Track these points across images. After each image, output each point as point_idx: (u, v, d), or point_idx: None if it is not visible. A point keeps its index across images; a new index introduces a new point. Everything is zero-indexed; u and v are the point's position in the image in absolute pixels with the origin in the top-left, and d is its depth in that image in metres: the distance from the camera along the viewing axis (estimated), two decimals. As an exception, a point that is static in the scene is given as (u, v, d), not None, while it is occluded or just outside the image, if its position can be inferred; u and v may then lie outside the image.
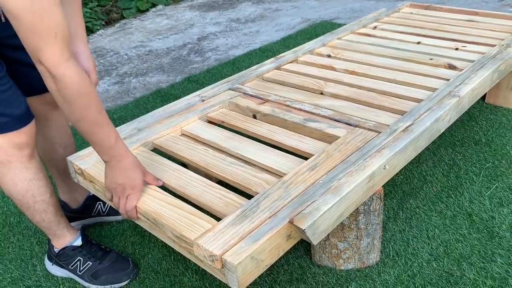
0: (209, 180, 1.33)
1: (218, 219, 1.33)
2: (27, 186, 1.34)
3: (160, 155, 1.79)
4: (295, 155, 1.55)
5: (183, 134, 1.61)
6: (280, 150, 1.58)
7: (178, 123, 1.61)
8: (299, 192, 1.21)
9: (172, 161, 1.58)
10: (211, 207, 1.22)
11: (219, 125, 1.73)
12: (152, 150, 1.54)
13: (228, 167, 1.38)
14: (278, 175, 1.34)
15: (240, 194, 1.41)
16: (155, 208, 1.22)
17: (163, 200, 1.24)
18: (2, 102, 1.23)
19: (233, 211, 1.18)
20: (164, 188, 1.40)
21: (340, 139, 1.43)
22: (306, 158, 1.73)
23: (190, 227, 1.14)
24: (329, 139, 1.50)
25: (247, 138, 1.53)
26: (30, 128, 1.30)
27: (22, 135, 1.28)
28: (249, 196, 1.51)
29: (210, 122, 1.71)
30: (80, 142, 2.30)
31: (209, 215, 1.33)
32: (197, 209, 1.26)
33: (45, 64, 0.99)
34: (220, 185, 1.31)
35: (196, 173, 1.38)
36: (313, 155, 1.40)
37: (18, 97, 1.27)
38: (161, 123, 1.62)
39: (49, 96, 1.48)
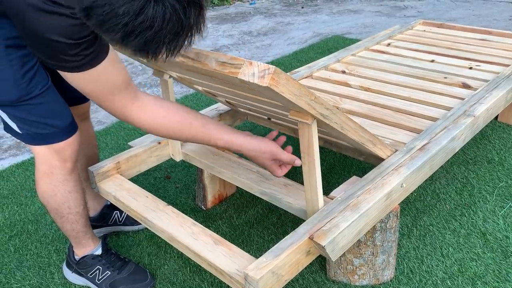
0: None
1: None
2: (65, 198, 1.36)
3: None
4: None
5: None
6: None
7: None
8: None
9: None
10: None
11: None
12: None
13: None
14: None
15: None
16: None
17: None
18: (48, 113, 1.24)
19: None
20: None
21: (357, 156, 1.45)
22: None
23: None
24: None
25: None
26: (74, 140, 1.31)
27: (66, 147, 1.30)
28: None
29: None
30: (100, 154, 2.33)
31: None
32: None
33: (113, 113, 1.19)
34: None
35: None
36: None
37: (64, 109, 1.29)
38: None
39: (80, 109, 1.51)
